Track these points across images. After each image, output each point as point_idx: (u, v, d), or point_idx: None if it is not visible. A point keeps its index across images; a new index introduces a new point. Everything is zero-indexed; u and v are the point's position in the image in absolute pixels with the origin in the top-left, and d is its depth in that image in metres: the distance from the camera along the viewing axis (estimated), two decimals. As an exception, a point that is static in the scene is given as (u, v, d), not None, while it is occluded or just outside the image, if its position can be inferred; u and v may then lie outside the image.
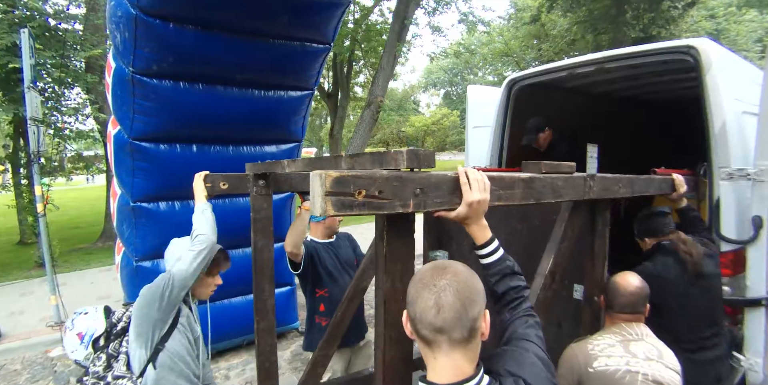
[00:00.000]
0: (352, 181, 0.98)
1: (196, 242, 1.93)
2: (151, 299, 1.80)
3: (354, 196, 0.99)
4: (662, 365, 1.67)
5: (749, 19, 20.45)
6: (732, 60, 2.86)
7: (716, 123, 2.50)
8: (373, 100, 14.07)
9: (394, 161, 1.12)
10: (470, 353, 0.99)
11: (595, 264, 2.03)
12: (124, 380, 1.78)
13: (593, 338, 1.84)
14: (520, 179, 1.40)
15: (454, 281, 0.98)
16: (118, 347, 1.86)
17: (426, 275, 1.01)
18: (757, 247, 2.33)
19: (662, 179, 2.33)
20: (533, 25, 20.29)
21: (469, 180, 1.18)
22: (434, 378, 0.98)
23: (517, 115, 3.87)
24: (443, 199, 1.18)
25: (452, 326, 0.94)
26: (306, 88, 4.05)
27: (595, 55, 3.20)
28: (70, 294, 5.66)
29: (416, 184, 1.10)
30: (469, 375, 0.97)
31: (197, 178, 2.20)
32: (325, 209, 0.95)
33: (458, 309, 0.95)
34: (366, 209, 1.01)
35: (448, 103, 41.65)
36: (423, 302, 0.96)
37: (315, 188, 0.96)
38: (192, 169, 3.57)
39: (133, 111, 3.31)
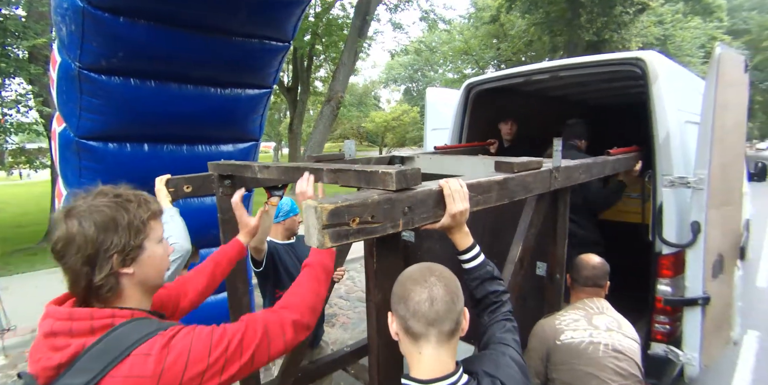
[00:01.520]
0: (346, 211, 0.99)
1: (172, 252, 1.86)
2: None
3: (349, 225, 1.00)
4: (622, 334, 1.88)
5: (694, 26, 21.55)
6: (676, 71, 3.02)
7: (661, 132, 2.63)
8: (333, 96, 13.98)
9: (383, 182, 1.14)
10: (452, 350, 1.06)
11: (557, 244, 2.18)
12: None
13: (560, 314, 2.03)
14: (496, 182, 1.48)
15: (442, 278, 1.07)
16: None
17: (415, 274, 1.09)
18: (695, 250, 2.47)
19: (615, 160, 2.55)
20: (492, 25, 20.70)
21: (451, 192, 1.23)
22: (418, 374, 1.04)
23: (474, 118, 3.94)
24: (428, 213, 1.23)
25: (444, 318, 1.02)
26: (264, 86, 3.97)
27: (550, 63, 3.30)
28: (13, 300, 5.34)
29: (405, 204, 1.14)
30: (450, 371, 1.04)
31: (158, 182, 2.10)
32: (323, 242, 0.96)
33: (449, 302, 1.03)
34: (360, 235, 1.04)
35: (408, 100, 41.86)
36: (416, 296, 1.03)
37: (310, 221, 0.97)
38: (143, 169, 3.49)
39: (80, 108, 3.15)
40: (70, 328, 0.97)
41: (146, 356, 0.93)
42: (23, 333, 4.59)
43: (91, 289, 1.01)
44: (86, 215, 1.00)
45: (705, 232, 2.43)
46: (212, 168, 2.25)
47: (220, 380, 0.99)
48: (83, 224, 0.99)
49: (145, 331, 0.97)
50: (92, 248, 0.98)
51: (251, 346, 1.04)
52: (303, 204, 1.00)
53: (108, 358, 0.93)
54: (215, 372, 0.98)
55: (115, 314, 1.00)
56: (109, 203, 1.04)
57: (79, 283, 1.00)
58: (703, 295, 2.46)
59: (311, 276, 1.23)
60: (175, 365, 0.94)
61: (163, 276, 1.17)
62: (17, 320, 4.82)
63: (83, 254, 0.98)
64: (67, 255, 0.99)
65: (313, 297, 1.19)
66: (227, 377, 1.00)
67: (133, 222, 1.04)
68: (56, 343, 0.96)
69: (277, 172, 1.81)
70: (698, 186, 2.41)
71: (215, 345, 0.99)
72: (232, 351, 1.01)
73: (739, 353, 4.00)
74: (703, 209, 2.41)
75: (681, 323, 2.58)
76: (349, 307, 5.35)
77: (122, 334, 0.96)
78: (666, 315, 2.60)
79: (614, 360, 1.80)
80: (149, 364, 0.92)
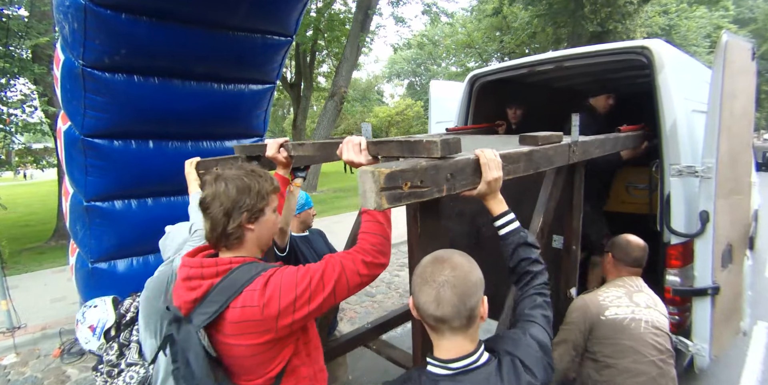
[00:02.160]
0: (400, 176, 1.08)
1: (195, 238, 1.93)
2: (156, 292, 1.84)
3: (402, 188, 1.10)
4: (658, 312, 2.01)
5: (699, 15, 21.30)
6: (683, 60, 2.98)
7: (667, 122, 2.60)
8: (336, 91, 13.95)
9: (427, 151, 1.23)
10: (470, 336, 1.12)
11: (573, 216, 2.28)
12: (137, 366, 1.92)
13: (602, 291, 2.13)
14: (523, 154, 1.57)
15: (451, 277, 1.08)
16: (129, 336, 1.99)
17: (426, 271, 1.12)
18: (703, 240, 2.45)
19: (626, 136, 2.63)
20: (495, 18, 20.52)
21: (487, 160, 1.33)
22: (439, 355, 1.13)
23: (478, 110, 3.92)
24: (467, 180, 1.32)
25: (451, 318, 1.07)
26: (268, 81, 3.96)
27: (554, 53, 3.27)
28: (22, 297, 5.40)
29: (447, 171, 1.24)
30: (469, 352, 1.11)
31: (188, 165, 2.18)
32: (381, 204, 1.06)
33: (456, 303, 1.07)
34: (411, 198, 1.13)
35: (411, 94, 41.72)
36: (424, 297, 1.09)
37: (367, 185, 1.06)
38: (149, 165, 3.51)
39: (85, 106, 3.15)
40: (201, 273, 1.29)
41: (253, 291, 1.22)
42: (33, 331, 4.62)
43: (223, 235, 1.32)
44: (230, 180, 1.32)
45: (714, 221, 2.41)
46: (239, 150, 2.30)
47: (309, 308, 1.24)
48: (228, 186, 1.31)
49: (253, 272, 1.27)
50: (231, 204, 1.29)
51: (331, 281, 1.26)
52: (359, 170, 1.09)
53: (228, 293, 1.23)
54: (304, 302, 1.23)
55: (232, 261, 1.30)
56: (246, 174, 1.35)
57: (217, 229, 1.31)
58: (712, 285, 2.44)
59: (372, 222, 1.36)
60: (272, 297, 1.21)
61: (272, 238, 1.48)
62: (27, 317, 4.87)
63: (224, 208, 1.29)
64: (212, 207, 1.30)
65: (379, 239, 1.33)
66: (315, 307, 1.24)
67: (261, 191, 1.34)
68: (191, 284, 1.29)
69: (312, 149, 1.87)
70: (706, 175, 2.39)
71: (300, 281, 1.24)
72: (315, 285, 1.24)
73: (749, 344, 3.98)
74: (712, 198, 2.39)
75: (690, 314, 2.57)
76: (356, 301, 5.36)
77: (237, 275, 1.26)
78: (675, 306, 2.59)
79: (653, 336, 1.93)
80: (255, 297, 1.22)
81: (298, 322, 1.26)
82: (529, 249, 1.39)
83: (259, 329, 1.23)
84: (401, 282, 6.11)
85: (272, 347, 1.29)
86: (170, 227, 2.11)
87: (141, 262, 3.67)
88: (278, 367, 1.32)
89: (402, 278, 6.22)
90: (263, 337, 1.24)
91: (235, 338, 1.25)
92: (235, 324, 1.23)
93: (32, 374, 3.96)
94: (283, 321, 1.23)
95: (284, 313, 1.22)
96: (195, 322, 1.25)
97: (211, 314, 1.23)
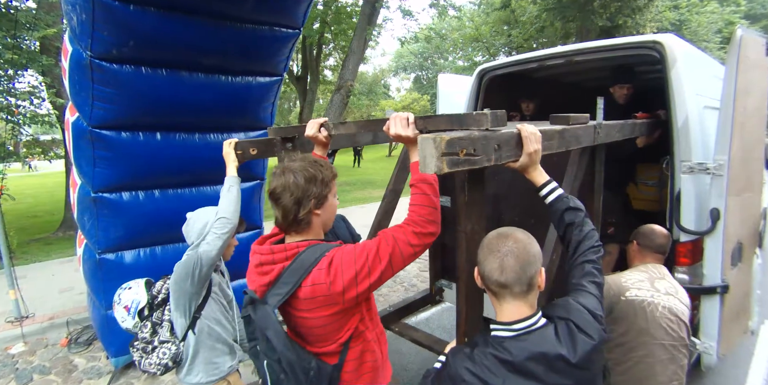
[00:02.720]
0: (457, 143, 1.18)
1: (220, 225, 2.03)
2: (184, 275, 1.99)
3: (458, 155, 1.19)
4: (678, 300, 2.03)
5: (710, 10, 21.04)
6: (695, 55, 2.94)
7: (679, 118, 2.57)
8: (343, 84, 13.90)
9: (477, 123, 1.35)
10: (529, 302, 1.25)
11: (595, 198, 2.36)
12: (168, 344, 2.09)
13: (626, 274, 2.19)
14: (556, 131, 1.68)
15: (514, 248, 1.23)
16: (161, 316, 2.14)
17: (492, 242, 1.28)
18: (713, 238, 2.42)
19: (642, 123, 2.69)
20: (503, 11, 20.35)
21: (528, 134, 1.44)
22: (502, 318, 1.26)
23: (487, 104, 3.89)
24: (511, 152, 1.43)
25: (513, 283, 1.21)
26: (275, 73, 3.95)
27: (564, 48, 3.23)
28: (30, 287, 5.46)
29: (495, 141, 1.35)
30: (529, 315, 1.23)
31: (227, 146, 2.24)
32: (441, 168, 1.15)
33: (517, 270, 1.21)
34: (466, 164, 1.23)
35: (418, 88, 41.54)
36: (489, 265, 1.24)
37: (428, 150, 1.15)
38: (156, 157, 3.51)
39: (93, 97, 3.16)
40: (272, 259, 1.45)
41: (320, 270, 1.37)
42: (41, 320, 4.67)
43: (294, 221, 1.45)
44: (297, 171, 1.44)
45: (724, 219, 2.38)
46: (273, 132, 2.39)
47: (370, 281, 1.37)
48: (296, 177, 1.43)
49: (317, 254, 1.41)
50: (300, 193, 1.42)
51: (386, 254, 1.37)
52: (420, 138, 1.18)
53: (298, 274, 1.39)
54: (364, 276, 1.36)
55: (299, 245, 1.44)
56: (310, 164, 1.48)
57: (288, 217, 1.44)
58: (721, 283, 2.42)
59: (420, 194, 1.44)
60: (337, 274, 1.36)
61: (333, 220, 1.64)
62: (35, 307, 4.92)
63: (294, 197, 1.42)
64: (283, 197, 1.43)
65: (427, 210, 1.41)
66: (375, 279, 1.37)
67: (324, 179, 1.47)
68: (263, 269, 1.46)
69: (355, 127, 1.97)
70: (718, 172, 2.35)
71: (358, 257, 1.37)
72: (372, 259, 1.36)
73: (756, 343, 3.96)
74: (723, 195, 2.36)
75: (698, 312, 2.54)
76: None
77: (304, 257, 1.41)
78: None
79: (668, 321, 1.95)
80: (322, 275, 1.36)
81: (362, 294, 1.40)
82: (574, 213, 1.50)
83: (328, 302, 1.39)
84: (407, 276, 6.12)
85: (341, 317, 1.45)
86: (191, 214, 2.18)
87: (148, 253, 3.68)
88: (347, 333, 1.49)
89: (407, 272, 6.22)
90: (332, 309, 1.40)
91: (308, 312, 1.42)
92: (307, 300, 1.40)
93: (40, 363, 4.00)
94: (349, 294, 1.37)
95: (348, 287, 1.36)
96: (270, 302, 1.41)
97: (284, 295, 1.40)
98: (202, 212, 2.17)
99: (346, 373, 1.52)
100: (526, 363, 1.16)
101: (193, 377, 2.13)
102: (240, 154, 2.24)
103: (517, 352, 1.17)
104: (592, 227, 1.50)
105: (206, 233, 2.04)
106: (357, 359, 1.54)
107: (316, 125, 1.96)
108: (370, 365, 1.58)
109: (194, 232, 2.11)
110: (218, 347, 2.18)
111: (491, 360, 1.19)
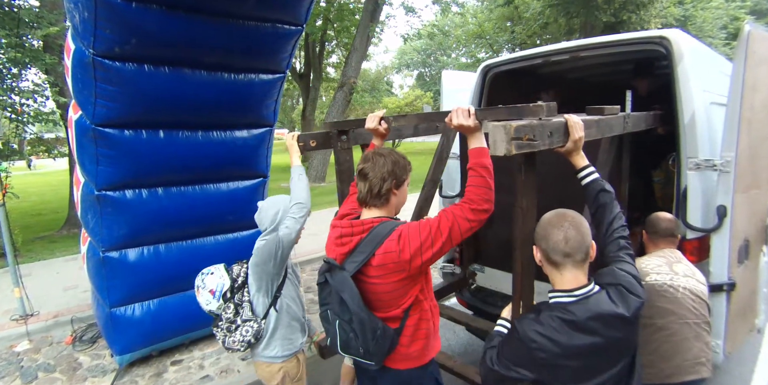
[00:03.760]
0: (522, 130, 1.41)
1: (296, 210, 2.30)
2: (267, 258, 2.20)
3: (522, 139, 1.41)
4: (696, 280, 2.10)
5: (715, 6, 20.88)
6: (702, 51, 2.90)
7: (686, 114, 2.54)
8: (345, 82, 13.87)
9: (534, 113, 1.54)
10: (584, 270, 1.49)
11: (621, 183, 2.58)
12: (250, 322, 2.29)
13: (644, 259, 2.25)
14: (594, 121, 1.91)
15: (574, 222, 1.47)
16: (242, 297, 2.34)
17: (552, 220, 1.51)
18: (720, 235, 2.40)
19: (652, 115, 2.78)
20: (507, 7, 20.27)
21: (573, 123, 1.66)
22: (562, 286, 1.48)
23: (491, 101, 3.86)
24: (560, 139, 1.65)
25: (576, 251, 1.45)
26: (278, 71, 3.93)
27: (569, 43, 3.20)
28: (35, 285, 5.48)
29: (549, 128, 1.57)
30: (586, 283, 1.47)
31: (289, 138, 2.44)
32: (510, 150, 1.37)
33: (579, 240, 1.45)
34: (527, 148, 1.45)
35: (421, 85, 41.44)
36: (554, 237, 1.46)
37: (498, 136, 1.38)
38: (159, 155, 3.51)
39: (95, 95, 3.15)
40: (351, 231, 1.71)
41: (392, 241, 1.61)
42: (46, 318, 4.69)
43: (378, 195, 1.70)
44: (386, 155, 1.73)
45: (731, 216, 2.35)
46: (329, 126, 2.59)
47: (433, 251, 1.59)
48: (386, 159, 1.72)
49: (389, 227, 1.65)
50: (386, 173, 1.70)
51: (446, 228, 1.58)
52: (491, 125, 1.40)
53: (373, 244, 1.63)
54: (428, 246, 1.58)
55: (374, 221, 1.69)
56: (394, 152, 1.77)
57: (373, 190, 1.69)
58: (728, 281, 2.39)
59: (476, 176, 1.63)
60: (405, 244, 1.59)
61: (402, 206, 1.86)
62: (40, 305, 4.94)
63: (381, 174, 1.69)
64: (370, 174, 1.70)
65: (483, 189, 1.61)
66: (437, 249, 1.59)
67: (405, 167, 1.77)
68: (343, 240, 1.72)
69: (416, 119, 2.26)
70: (725, 169, 2.32)
71: (422, 231, 1.59)
72: (434, 233, 1.58)
73: (762, 341, 3.94)
74: (730, 192, 2.33)
75: (704, 309, 2.53)
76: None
77: (378, 230, 1.66)
78: None
79: (691, 301, 2.02)
80: (393, 244, 1.60)
81: (426, 262, 1.62)
82: (608, 195, 1.72)
83: (397, 269, 1.61)
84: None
85: (406, 284, 1.67)
86: (262, 203, 2.36)
87: (152, 251, 3.69)
88: (409, 300, 1.71)
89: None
90: (400, 275, 1.63)
91: (379, 278, 1.65)
92: (379, 267, 1.63)
93: (45, 361, 4.02)
94: (414, 263, 1.59)
95: (415, 256, 1.58)
96: (348, 268, 1.66)
97: (360, 262, 1.64)
98: (271, 200, 2.36)
99: (404, 337, 1.75)
100: (588, 322, 1.38)
101: (270, 351, 2.35)
102: (302, 146, 2.44)
103: (580, 313, 1.39)
104: (620, 208, 1.72)
105: (279, 220, 2.26)
106: (414, 325, 1.76)
107: (376, 119, 2.15)
108: (424, 332, 1.79)
109: (267, 219, 2.27)
110: (293, 324, 2.41)
111: (557, 322, 1.40)
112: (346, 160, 2.60)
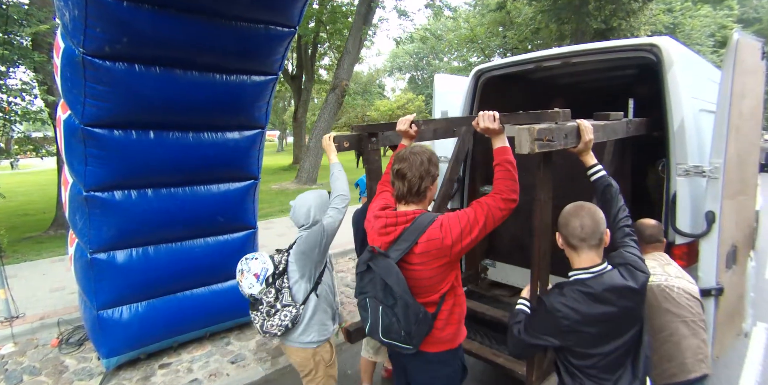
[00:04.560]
0: (543, 132, 1.68)
1: (339, 201, 2.52)
2: (312, 245, 2.38)
3: (543, 140, 1.67)
4: (687, 281, 2.19)
5: (703, 14, 21.20)
6: (691, 58, 2.94)
7: (675, 121, 2.57)
8: (338, 84, 13.87)
9: (552, 118, 1.82)
10: (599, 253, 1.72)
11: (624, 183, 2.67)
12: (290, 307, 2.39)
13: None
14: (601, 125, 2.15)
15: (590, 212, 1.72)
16: (282, 283, 2.43)
17: (572, 210, 1.75)
18: (709, 240, 2.43)
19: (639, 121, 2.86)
20: (499, 13, 20.42)
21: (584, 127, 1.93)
22: (580, 265, 1.73)
23: (483, 105, 3.88)
24: (573, 140, 1.90)
25: (590, 237, 1.69)
26: (270, 72, 3.92)
27: (561, 49, 3.23)
28: (21, 287, 5.40)
29: (564, 131, 1.83)
30: (600, 262, 1.71)
31: (326, 139, 2.66)
32: (533, 149, 1.63)
33: (594, 227, 1.69)
34: (546, 147, 1.71)
35: (413, 88, 41.59)
36: (573, 224, 1.71)
37: (523, 137, 1.64)
38: (149, 156, 3.48)
39: (85, 95, 3.11)
40: (396, 221, 1.84)
41: (434, 229, 1.75)
42: (32, 320, 4.61)
43: (417, 192, 1.84)
44: (422, 154, 1.87)
45: (719, 222, 2.38)
46: (359, 128, 2.81)
47: (471, 237, 1.74)
48: (422, 158, 1.85)
49: (430, 218, 1.79)
50: (424, 171, 1.83)
51: (482, 217, 1.75)
52: (517, 128, 1.67)
53: (416, 232, 1.78)
54: (467, 233, 1.74)
55: (415, 212, 1.84)
56: (428, 151, 1.90)
57: (413, 189, 1.83)
58: (716, 286, 2.42)
59: (503, 170, 1.81)
60: (446, 231, 1.74)
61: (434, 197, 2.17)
62: (25, 307, 4.86)
63: (420, 173, 1.82)
64: (409, 173, 1.82)
65: (510, 182, 1.78)
66: (475, 236, 1.75)
67: (437, 163, 1.91)
68: (387, 230, 1.86)
69: (445, 122, 2.76)
70: (714, 175, 2.36)
71: (461, 219, 1.76)
72: (472, 221, 1.75)
73: (748, 345, 3.98)
74: (719, 198, 2.37)
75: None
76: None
77: (421, 220, 1.80)
78: None
79: (686, 300, 2.10)
80: (436, 232, 1.75)
81: (465, 248, 1.77)
82: (613, 189, 1.94)
83: (440, 255, 1.76)
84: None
85: (446, 269, 1.82)
86: (294, 201, 2.52)
87: (141, 253, 3.64)
88: (446, 286, 1.85)
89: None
90: (442, 261, 1.78)
91: (421, 264, 1.78)
92: (422, 254, 1.76)
93: (30, 364, 3.95)
94: (455, 248, 1.74)
95: (455, 242, 1.73)
96: (392, 256, 1.78)
97: (404, 250, 1.77)
98: (302, 198, 2.52)
99: (439, 320, 1.87)
100: (604, 293, 1.62)
101: (306, 337, 2.45)
102: (336, 146, 2.64)
103: (597, 286, 1.63)
104: (624, 202, 1.93)
105: (313, 215, 2.44)
106: (449, 310, 1.89)
107: (407, 122, 2.32)
108: (457, 317, 1.94)
109: (302, 215, 2.46)
110: (328, 310, 2.54)
111: (578, 294, 1.64)
112: (375, 160, 2.83)
